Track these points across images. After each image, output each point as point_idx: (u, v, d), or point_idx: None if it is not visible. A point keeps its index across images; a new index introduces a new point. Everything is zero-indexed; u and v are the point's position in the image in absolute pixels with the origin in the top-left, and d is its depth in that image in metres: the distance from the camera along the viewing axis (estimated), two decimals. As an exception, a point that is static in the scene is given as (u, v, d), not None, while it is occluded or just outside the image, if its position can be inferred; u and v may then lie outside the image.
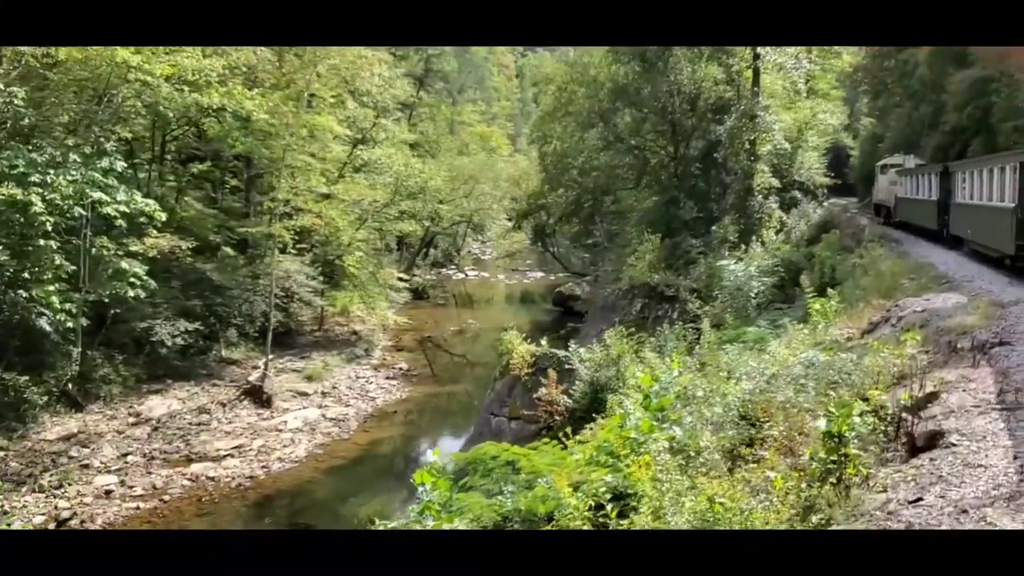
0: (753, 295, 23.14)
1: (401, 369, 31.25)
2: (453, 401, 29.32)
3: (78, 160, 20.38)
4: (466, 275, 57.72)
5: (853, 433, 5.54)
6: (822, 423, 5.61)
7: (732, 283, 23.53)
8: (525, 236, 49.88)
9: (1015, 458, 5.68)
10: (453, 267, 58.44)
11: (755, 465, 6.68)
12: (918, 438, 6.48)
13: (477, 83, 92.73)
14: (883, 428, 7.30)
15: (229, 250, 31.27)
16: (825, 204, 32.28)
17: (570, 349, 19.01)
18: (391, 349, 34.72)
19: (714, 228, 28.90)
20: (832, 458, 5.55)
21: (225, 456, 22.00)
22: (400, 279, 39.16)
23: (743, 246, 26.72)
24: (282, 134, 25.97)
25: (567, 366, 18.51)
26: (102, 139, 21.96)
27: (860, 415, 7.54)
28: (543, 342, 20.06)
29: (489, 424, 18.92)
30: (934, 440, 6.41)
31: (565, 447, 10.28)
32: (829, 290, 16.63)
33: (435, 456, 7.75)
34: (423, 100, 58.93)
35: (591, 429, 12.43)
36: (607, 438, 8.96)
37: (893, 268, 18.76)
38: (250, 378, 26.76)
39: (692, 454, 8.50)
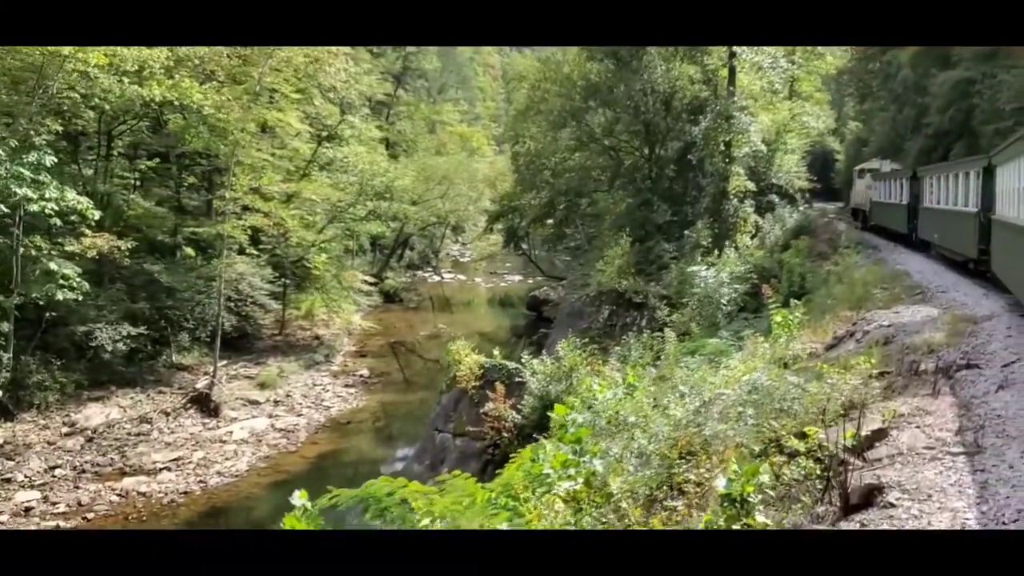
0: (724, 303, 22.03)
1: (361, 376, 29.94)
2: (424, 407, 27.85)
3: (2, 154, 19.07)
4: (442, 278, 56.37)
5: (759, 498, 4.37)
6: (721, 483, 4.45)
7: (702, 290, 22.40)
8: (500, 238, 48.65)
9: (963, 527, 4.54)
10: (430, 269, 57.05)
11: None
12: (852, 493, 5.35)
13: (460, 83, 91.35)
14: (818, 473, 6.18)
15: (190, 250, 29.97)
16: (802, 208, 31.17)
17: (523, 360, 17.82)
18: (355, 355, 33.37)
19: (687, 232, 27.77)
20: (734, 527, 4.39)
21: (161, 469, 20.76)
22: (366, 281, 37.78)
23: (716, 251, 25.62)
24: (231, 130, 24.65)
25: (518, 379, 17.37)
26: (31, 132, 20.63)
27: (792, 457, 6.44)
28: (495, 352, 18.93)
29: (433, 440, 17.74)
30: (871, 497, 5.28)
31: (479, 481, 9.07)
32: (793, 300, 15.53)
33: (301, 499, 6.46)
34: (401, 98, 57.52)
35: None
36: (513, 475, 7.76)
37: (866, 277, 17.83)
38: (198, 385, 25.48)
39: (613, 492, 7.37)
